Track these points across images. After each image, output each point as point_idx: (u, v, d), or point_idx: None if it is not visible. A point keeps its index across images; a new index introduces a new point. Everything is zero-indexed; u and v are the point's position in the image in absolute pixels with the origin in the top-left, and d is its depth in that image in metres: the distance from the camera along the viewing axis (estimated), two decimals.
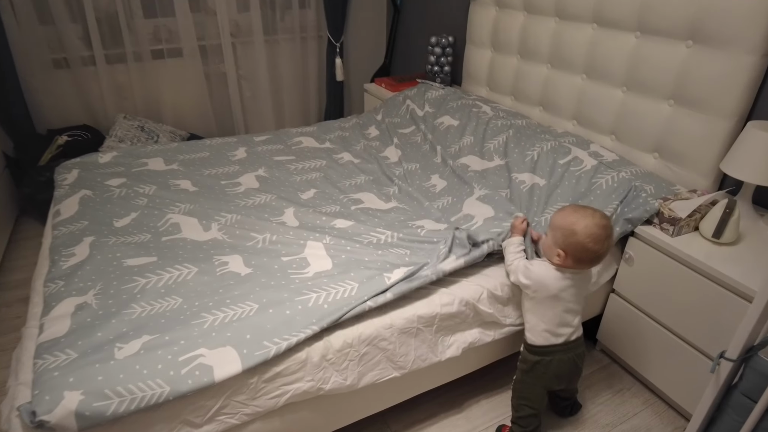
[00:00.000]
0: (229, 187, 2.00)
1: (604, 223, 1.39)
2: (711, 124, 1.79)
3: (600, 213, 1.42)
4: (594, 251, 1.38)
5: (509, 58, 2.60)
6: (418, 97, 2.73)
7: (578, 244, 1.38)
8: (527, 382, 1.55)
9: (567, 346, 1.49)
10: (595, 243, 1.37)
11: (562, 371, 1.51)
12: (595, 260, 1.42)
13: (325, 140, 2.50)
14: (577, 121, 2.31)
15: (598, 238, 1.37)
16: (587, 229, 1.37)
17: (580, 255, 1.39)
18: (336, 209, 1.86)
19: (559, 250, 1.41)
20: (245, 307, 1.33)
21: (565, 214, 1.44)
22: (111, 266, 1.50)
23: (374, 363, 1.40)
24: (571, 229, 1.39)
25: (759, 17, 1.60)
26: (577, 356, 1.52)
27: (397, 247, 1.63)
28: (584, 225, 1.37)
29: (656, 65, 1.92)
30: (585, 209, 1.42)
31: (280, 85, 3.56)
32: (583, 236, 1.37)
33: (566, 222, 1.41)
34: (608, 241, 1.39)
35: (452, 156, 2.23)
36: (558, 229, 1.42)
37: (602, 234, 1.37)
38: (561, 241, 1.41)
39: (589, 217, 1.39)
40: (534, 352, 1.52)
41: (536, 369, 1.51)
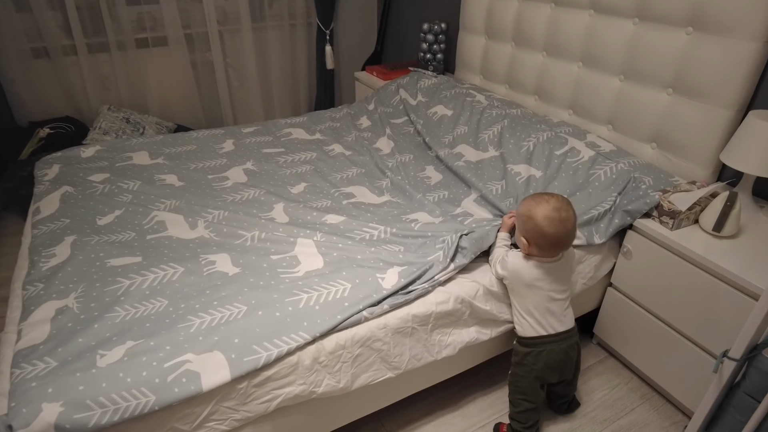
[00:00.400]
0: (216, 182, 1.94)
1: (560, 206, 1.37)
2: (711, 113, 1.74)
3: (558, 197, 1.40)
4: (551, 235, 1.37)
5: (504, 45, 2.53)
6: (410, 86, 2.67)
7: (535, 229, 1.38)
8: (521, 375, 1.52)
9: (558, 337, 1.47)
10: (550, 225, 1.36)
11: (553, 362, 1.48)
12: (556, 245, 1.40)
13: (316, 131, 2.44)
14: (573, 110, 2.26)
15: (552, 220, 1.35)
16: (542, 212, 1.36)
17: (539, 240, 1.39)
18: (327, 204, 1.81)
19: (522, 239, 1.43)
20: (233, 309, 1.28)
21: (525, 202, 1.44)
22: (93, 267, 1.44)
23: (368, 364, 1.35)
24: (528, 215, 1.39)
25: (761, 3, 1.55)
26: (569, 347, 1.50)
27: (390, 243, 1.58)
28: (540, 209, 1.37)
29: (655, 53, 1.87)
30: (542, 195, 1.42)
31: (269, 73, 3.47)
32: (539, 219, 1.37)
33: (525, 209, 1.42)
34: (565, 224, 1.37)
35: (447, 146, 2.17)
36: (519, 217, 1.44)
37: (557, 216, 1.35)
38: (522, 228, 1.42)
39: (545, 202, 1.38)
40: (524, 344, 1.50)
41: (527, 360, 1.49)
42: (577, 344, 1.53)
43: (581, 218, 1.66)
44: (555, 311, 1.47)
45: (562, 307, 1.48)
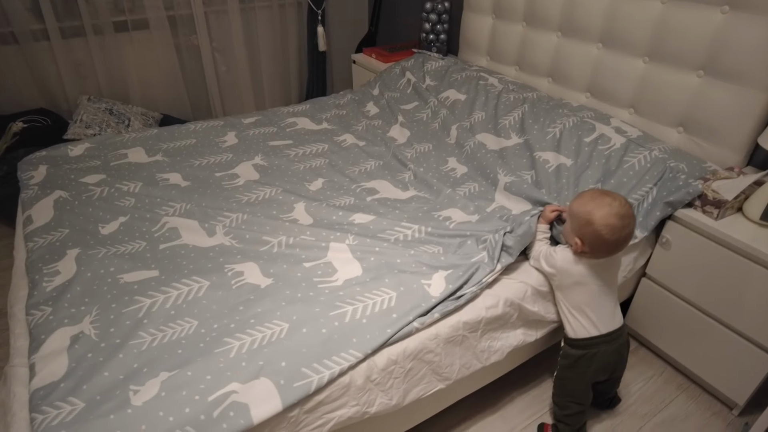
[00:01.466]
0: (225, 180, 1.79)
1: (623, 212, 1.29)
2: (745, 96, 1.68)
3: (620, 201, 1.31)
4: (611, 242, 1.30)
5: (514, 25, 2.42)
6: (416, 68, 2.54)
7: (594, 233, 1.30)
8: (571, 378, 1.46)
9: (610, 336, 1.41)
10: (612, 234, 1.29)
11: (607, 363, 1.43)
12: (614, 250, 1.34)
13: (322, 120, 2.29)
14: (591, 93, 2.18)
15: (614, 228, 1.28)
16: (604, 219, 1.28)
17: (597, 245, 1.32)
18: (351, 201, 1.69)
19: (576, 239, 1.34)
20: (274, 328, 1.16)
21: (583, 201, 1.35)
22: (105, 285, 1.30)
23: (419, 377, 1.26)
24: (587, 218, 1.31)
25: None
26: (621, 346, 1.44)
27: (427, 243, 1.48)
28: (601, 215, 1.29)
29: (685, 33, 1.78)
30: (604, 196, 1.32)
31: (258, 57, 3.27)
32: (600, 226, 1.29)
33: (583, 210, 1.32)
34: (626, 231, 1.30)
35: (466, 131, 2.06)
36: (575, 217, 1.35)
37: (620, 224, 1.28)
38: (578, 229, 1.34)
39: (607, 206, 1.29)
40: (576, 346, 1.43)
41: (580, 364, 1.43)
42: (627, 342, 1.48)
43: None
44: (606, 308, 1.40)
45: (612, 303, 1.42)
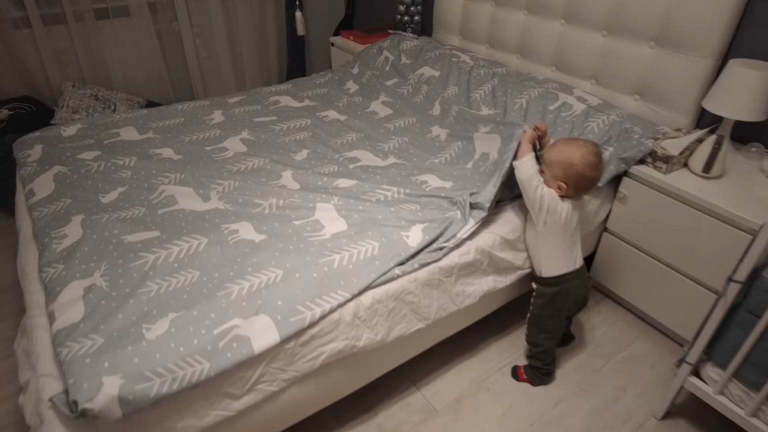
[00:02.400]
0: (215, 153, 1.90)
1: (597, 150, 1.49)
2: (692, 63, 1.85)
3: (590, 142, 1.51)
4: (591, 178, 1.49)
5: (484, 4, 2.56)
6: (392, 48, 2.66)
7: (577, 173, 1.46)
8: (548, 315, 1.63)
9: (579, 272, 1.59)
10: (591, 170, 1.47)
11: (578, 296, 1.60)
12: (592, 186, 1.52)
13: (304, 98, 2.41)
14: (557, 66, 2.33)
15: (594, 165, 1.47)
16: (584, 158, 1.46)
17: (580, 183, 1.48)
18: (334, 169, 1.81)
19: (559, 183, 1.49)
20: (270, 274, 1.29)
21: (559, 149, 1.51)
22: (111, 245, 1.41)
23: (401, 316, 1.41)
24: (569, 161, 1.47)
25: None
26: (586, 280, 1.63)
27: (405, 202, 1.62)
28: (580, 155, 1.46)
29: (638, 7, 1.94)
30: (576, 141, 1.51)
31: (239, 42, 3.36)
32: (581, 166, 1.46)
33: (563, 156, 1.48)
34: (602, 165, 1.50)
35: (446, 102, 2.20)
36: (555, 164, 1.50)
37: (596, 161, 1.47)
38: (560, 174, 1.49)
39: (583, 147, 1.48)
40: (551, 283, 1.58)
41: (556, 300, 1.59)
42: (589, 278, 1.66)
43: None
44: (576, 245, 1.58)
45: (579, 241, 1.60)
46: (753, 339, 1.30)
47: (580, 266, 1.59)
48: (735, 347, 1.36)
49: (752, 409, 1.35)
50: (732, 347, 1.37)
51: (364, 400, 1.65)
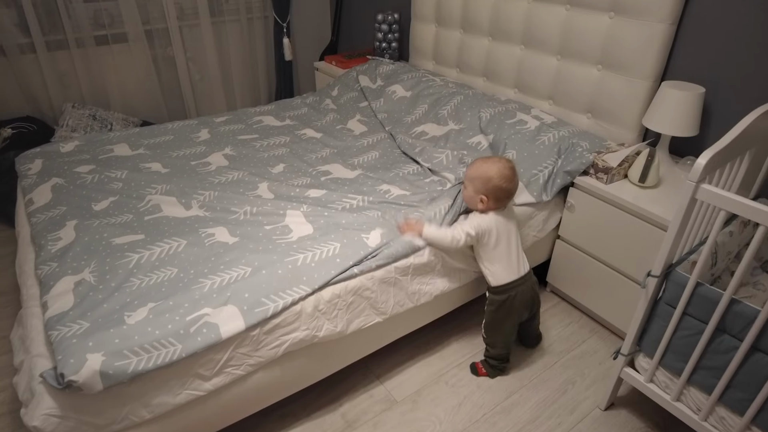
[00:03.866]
0: (200, 167, 2.08)
1: (511, 165, 1.68)
2: (633, 85, 2.04)
3: (504, 158, 1.70)
4: (508, 189, 1.67)
5: (453, 32, 2.77)
6: (370, 71, 2.87)
7: (496, 186, 1.64)
8: (500, 320, 1.77)
9: (524, 279, 1.73)
10: (507, 182, 1.65)
11: (526, 300, 1.75)
12: (510, 195, 1.70)
13: (285, 118, 2.60)
14: (518, 88, 2.53)
15: (509, 177, 1.65)
16: (500, 172, 1.64)
17: (499, 194, 1.66)
18: (307, 181, 1.99)
19: (481, 196, 1.67)
20: (239, 271, 1.45)
21: (477, 166, 1.69)
22: (100, 246, 1.57)
23: (360, 310, 1.56)
24: (487, 176, 1.65)
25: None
26: (533, 284, 1.78)
27: (368, 209, 1.78)
28: (497, 169, 1.65)
29: (585, 34, 2.14)
30: (491, 158, 1.70)
31: (230, 66, 3.58)
32: (498, 179, 1.64)
33: (481, 171, 1.67)
34: (516, 177, 1.68)
35: (409, 125, 2.39)
36: (476, 179, 1.67)
37: (511, 174, 1.66)
38: (481, 188, 1.66)
39: (498, 163, 1.66)
40: (499, 292, 1.73)
41: (505, 306, 1.73)
42: (536, 282, 1.80)
43: (529, 179, 1.93)
44: (517, 255, 1.72)
45: (520, 250, 1.75)
46: (671, 328, 1.46)
47: (526, 273, 1.74)
48: (659, 337, 1.51)
49: (676, 394, 1.50)
50: (657, 337, 1.52)
51: (330, 392, 1.79)
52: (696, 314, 1.40)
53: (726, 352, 1.37)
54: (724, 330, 1.36)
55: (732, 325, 1.33)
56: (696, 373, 1.44)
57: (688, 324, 1.43)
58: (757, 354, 1.30)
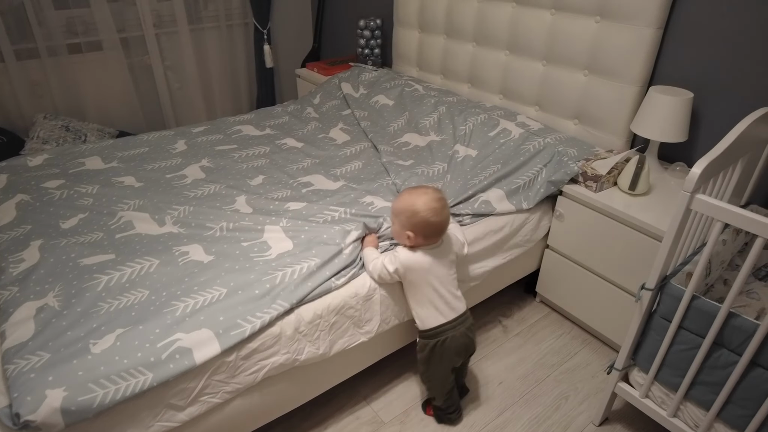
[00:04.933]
0: (175, 180, 1.99)
1: (439, 196, 1.48)
2: (621, 90, 2.00)
3: (432, 188, 1.50)
4: (437, 223, 1.46)
5: (436, 37, 2.72)
6: (352, 79, 2.80)
7: (422, 220, 1.45)
8: (430, 367, 1.59)
9: (456, 321, 1.54)
10: (436, 215, 1.45)
11: (458, 346, 1.55)
12: (441, 231, 1.50)
13: (265, 127, 2.52)
14: (504, 94, 2.48)
15: (437, 210, 1.45)
16: (426, 205, 1.44)
17: (427, 230, 1.46)
18: (287, 193, 1.91)
19: (408, 232, 1.47)
20: (214, 292, 1.37)
21: (402, 198, 1.50)
22: (67, 267, 1.48)
23: (343, 330, 1.49)
24: (412, 210, 1.46)
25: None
26: (467, 329, 1.57)
27: (351, 221, 1.71)
28: (423, 202, 1.45)
29: (571, 39, 2.11)
30: (418, 189, 1.50)
31: (209, 74, 3.49)
32: (424, 212, 1.44)
33: (406, 204, 1.47)
34: (446, 211, 1.48)
35: (391, 135, 2.33)
36: (401, 214, 1.48)
37: (439, 206, 1.46)
38: (407, 223, 1.47)
39: (424, 195, 1.47)
40: (428, 336, 1.55)
41: (435, 352, 1.55)
42: (472, 325, 1.60)
43: (510, 187, 1.87)
44: (449, 295, 1.53)
45: (454, 289, 1.56)
46: (667, 342, 1.40)
47: (459, 315, 1.55)
48: (654, 351, 1.46)
49: (672, 410, 1.45)
50: (652, 351, 1.47)
51: (316, 414, 1.71)
52: (692, 328, 1.35)
53: (724, 367, 1.32)
54: (721, 344, 1.31)
55: (730, 339, 1.28)
56: (693, 388, 1.39)
57: (684, 338, 1.38)
58: (757, 369, 1.26)
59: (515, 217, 1.87)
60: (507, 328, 2.08)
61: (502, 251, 1.88)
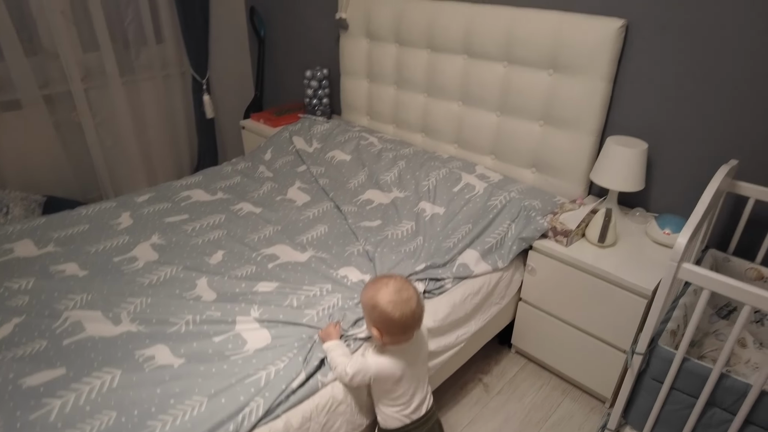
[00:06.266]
0: (124, 264, 1.81)
1: (399, 287, 1.31)
2: (577, 140, 2.05)
3: (395, 278, 1.33)
4: (399, 319, 1.29)
5: (386, 87, 2.70)
6: (303, 132, 2.72)
7: (382, 315, 1.29)
8: None
9: (420, 422, 1.43)
10: (396, 310, 1.28)
11: None
12: (407, 328, 1.32)
13: (217, 190, 2.37)
14: (459, 144, 2.49)
15: (397, 304, 1.28)
16: (386, 298, 1.29)
17: (389, 327, 1.30)
18: (252, 270, 1.79)
19: (373, 329, 1.33)
20: (194, 403, 1.23)
21: (366, 289, 1.35)
22: (6, 393, 1.28)
23: (336, 429, 1.38)
24: (372, 303, 1.31)
25: (603, 50, 1.88)
26: (433, 425, 1.47)
27: (330, 297, 1.62)
28: (382, 295, 1.29)
29: (524, 91, 2.14)
30: (381, 279, 1.34)
31: (146, 129, 3.27)
32: (384, 306, 1.29)
33: (367, 297, 1.33)
34: (409, 305, 1.30)
35: (352, 193, 2.26)
36: (364, 307, 1.35)
37: (400, 299, 1.29)
38: (370, 318, 1.34)
39: (384, 287, 1.31)
40: None
41: None
42: (438, 422, 1.51)
43: (483, 247, 1.86)
44: (416, 395, 1.42)
45: (422, 388, 1.44)
46: (659, 403, 1.41)
47: (424, 414, 1.43)
48: (647, 410, 1.46)
49: None
50: (644, 410, 1.48)
51: None
52: (684, 389, 1.37)
53: (718, 425, 1.34)
54: (714, 404, 1.33)
55: (722, 399, 1.31)
56: None
57: (676, 398, 1.40)
58: (751, 427, 1.28)
59: (490, 276, 1.85)
60: (488, 386, 2.05)
61: (481, 312, 1.85)
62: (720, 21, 1.70)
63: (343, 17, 2.70)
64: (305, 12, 3.14)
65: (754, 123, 1.73)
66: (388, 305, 1.28)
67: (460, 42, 2.28)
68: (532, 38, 2.04)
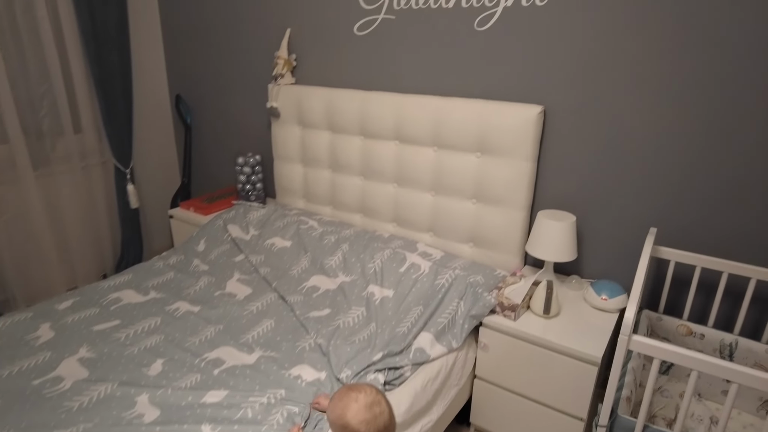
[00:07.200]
0: (47, 387, 1.60)
1: (371, 401, 1.25)
2: (509, 215, 2.17)
3: (365, 391, 1.27)
4: None
5: (322, 171, 2.74)
6: (238, 219, 2.66)
7: None
8: None
9: None
10: (369, 427, 1.22)
11: None
12: None
13: (149, 290, 2.22)
14: (398, 222, 2.54)
15: (369, 422, 1.22)
16: (356, 417, 1.23)
17: None
18: (197, 379, 1.65)
19: None
20: None
21: (333, 404, 1.29)
22: None
23: None
24: (342, 423, 1.24)
25: (526, 133, 2.04)
26: None
27: (285, 407, 1.52)
28: (352, 414, 1.23)
29: (455, 172, 2.25)
30: (349, 393, 1.27)
31: (63, 224, 3.04)
32: (356, 425, 1.22)
33: (335, 416, 1.26)
34: (382, 419, 1.25)
35: (297, 280, 2.21)
36: (334, 427, 1.28)
37: (371, 416, 1.23)
38: None
39: (354, 402, 1.25)
40: None
41: None
42: None
43: (436, 328, 1.87)
44: None
45: None
46: None
47: None
48: None
49: None
50: None
51: None
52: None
53: None
54: None
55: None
56: None
57: None
58: None
59: (446, 358, 1.85)
60: None
61: (441, 397, 1.82)
62: (621, 105, 1.92)
63: (275, 106, 2.74)
64: (233, 100, 3.16)
65: (665, 193, 1.93)
66: (360, 425, 1.21)
67: (391, 129, 2.39)
68: (458, 125, 2.18)
